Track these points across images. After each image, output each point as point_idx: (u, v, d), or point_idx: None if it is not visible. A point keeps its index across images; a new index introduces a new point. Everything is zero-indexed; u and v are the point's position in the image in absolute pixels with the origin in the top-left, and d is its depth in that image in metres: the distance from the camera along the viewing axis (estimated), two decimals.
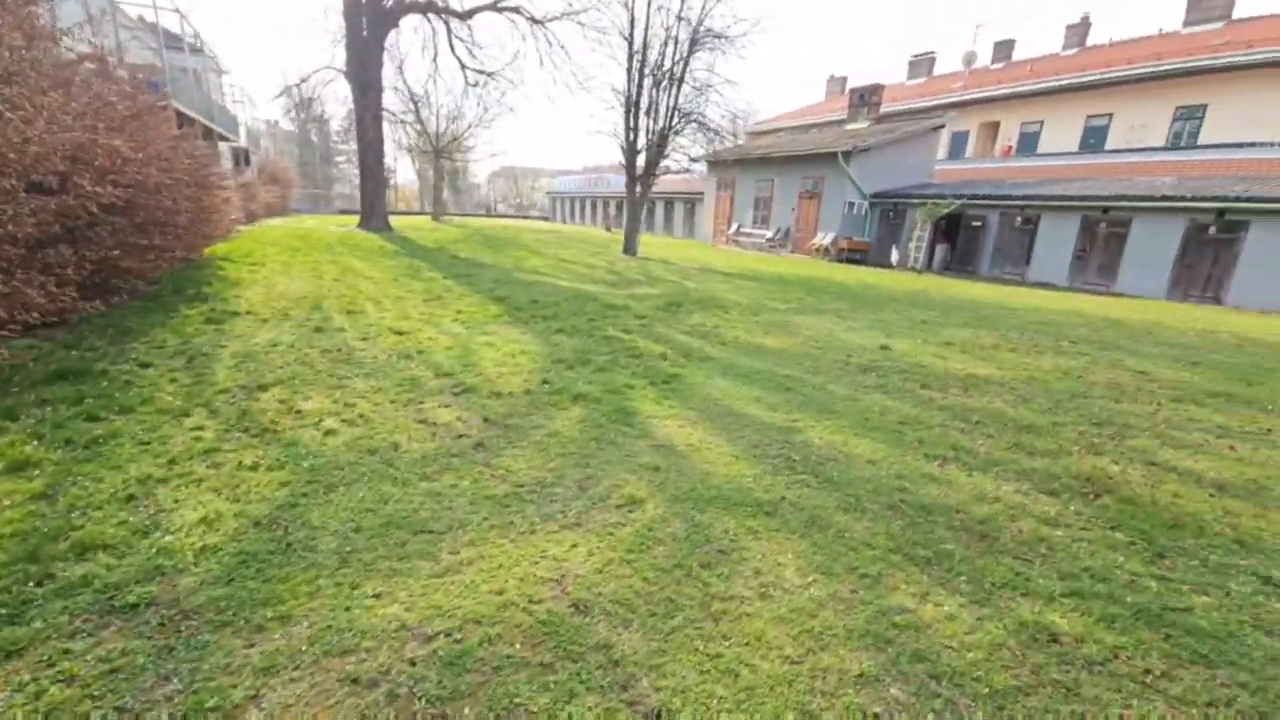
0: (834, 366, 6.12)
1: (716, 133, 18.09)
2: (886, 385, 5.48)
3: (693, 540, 2.87)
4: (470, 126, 36.35)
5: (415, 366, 5.51)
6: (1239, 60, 20.31)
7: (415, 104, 33.05)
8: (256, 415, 4.26)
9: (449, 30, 24.60)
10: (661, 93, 17.30)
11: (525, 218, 59.60)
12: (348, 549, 2.77)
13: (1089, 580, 2.58)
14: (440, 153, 35.45)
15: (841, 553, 2.78)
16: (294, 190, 41.09)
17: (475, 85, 27.77)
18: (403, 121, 28.67)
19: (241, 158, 34.25)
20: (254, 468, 3.50)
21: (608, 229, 35.40)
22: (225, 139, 27.31)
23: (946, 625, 2.28)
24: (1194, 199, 13.32)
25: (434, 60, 25.34)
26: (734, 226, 26.75)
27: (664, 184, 38.50)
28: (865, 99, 24.43)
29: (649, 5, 16.54)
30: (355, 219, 24.16)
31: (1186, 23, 25.87)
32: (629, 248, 18.58)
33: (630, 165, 18.13)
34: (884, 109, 28.66)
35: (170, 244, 9.30)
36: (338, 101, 43.26)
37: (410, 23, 23.79)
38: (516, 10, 22.90)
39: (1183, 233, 13.67)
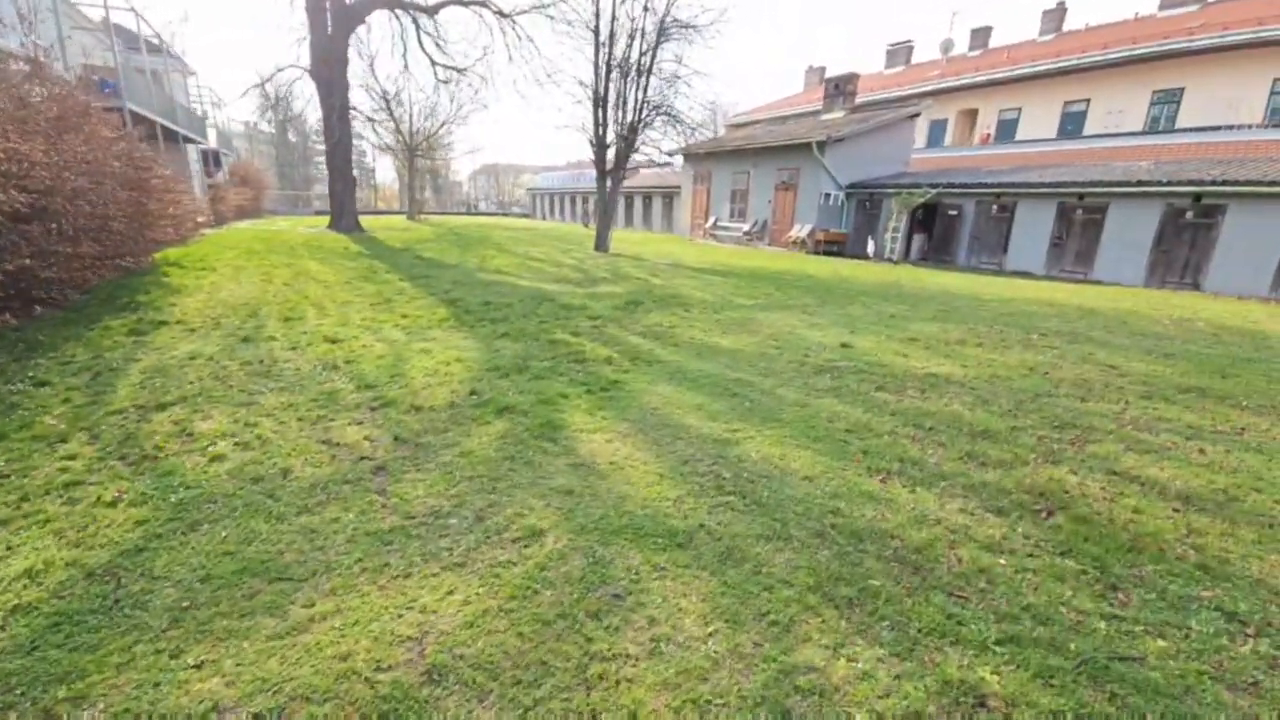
0: (789, 368, 5.78)
1: (688, 125, 17.69)
2: (840, 388, 5.15)
3: (587, 582, 2.52)
4: (444, 124, 35.81)
5: (338, 378, 5.11)
6: (1215, 43, 20.23)
7: (388, 102, 32.46)
8: (142, 440, 3.86)
9: (417, 26, 24.02)
10: (630, 85, 16.90)
11: (506, 215, 58.98)
12: (185, 604, 2.39)
13: (1029, 622, 2.25)
14: (415, 151, 34.83)
15: (754, 594, 2.43)
16: (268, 192, 40.32)
17: (446, 82, 27.26)
18: (371, 120, 27.98)
19: (211, 160, 33.45)
20: (113, 504, 3.11)
21: (585, 225, 34.94)
22: (191, 141, 26.57)
23: (857, 687, 1.95)
24: (1170, 183, 13.12)
25: (403, 57, 24.57)
26: (711, 220, 26.40)
27: (642, 178, 38.10)
28: (840, 88, 24.12)
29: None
30: (329, 219, 23.56)
31: (1162, 6, 25.82)
32: (600, 244, 18.18)
33: (600, 160, 17.72)
34: (863, 99, 28.40)
35: (105, 251, 8.83)
36: (311, 101, 42.34)
37: (379, 19, 23.20)
38: (484, 4, 22.35)
39: (1159, 218, 13.47)
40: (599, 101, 17.00)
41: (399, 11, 23.65)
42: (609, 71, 16.73)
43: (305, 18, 21.31)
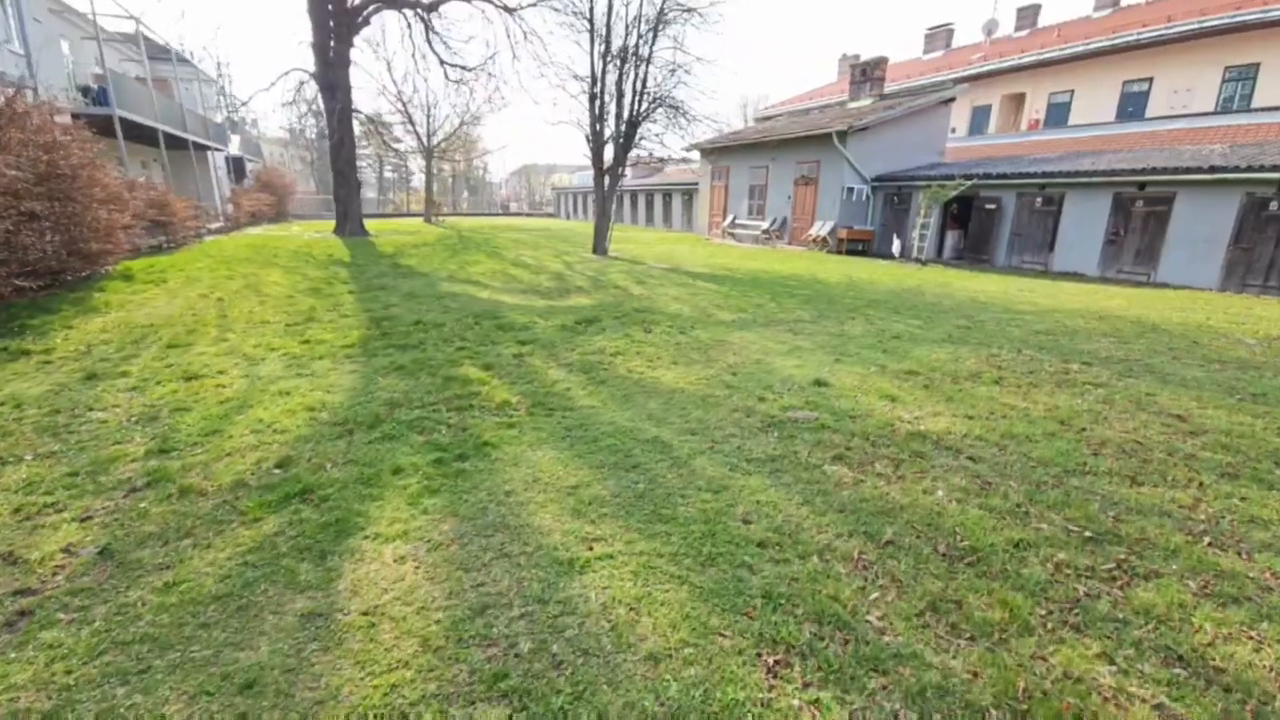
0: (730, 420, 4.41)
1: (692, 117, 16.25)
2: (783, 457, 3.77)
3: None
4: (462, 125, 35.22)
5: (139, 437, 4.02)
6: None
7: (404, 104, 32.02)
8: None
9: (426, 26, 23.31)
10: (627, 76, 15.59)
11: (535, 215, 58.34)
12: None
13: None
14: (432, 153, 34.34)
15: None
16: (296, 197, 40.39)
17: (458, 82, 26.61)
18: (375, 123, 27.50)
19: (233, 166, 33.65)
20: None
21: None
22: (203, 147, 26.56)
23: None
24: (1250, 169, 11.03)
25: (413, 57, 23.89)
26: (729, 218, 24.85)
27: (662, 176, 36.70)
28: (867, 74, 22.21)
29: None
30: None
31: None
32: (599, 247, 16.95)
33: (597, 156, 16.47)
34: (901, 85, 26.36)
35: (18, 265, 8.10)
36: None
37: (392, 21, 22.53)
38: None
39: (1237, 210, 11.38)
40: (595, 95, 15.75)
41: (402, 11, 23.00)
42: (605, 62, 15.47)
43: (308, 20, 20.85)
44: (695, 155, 28.39)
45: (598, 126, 16.04)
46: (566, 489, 3.35)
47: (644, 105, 15.89)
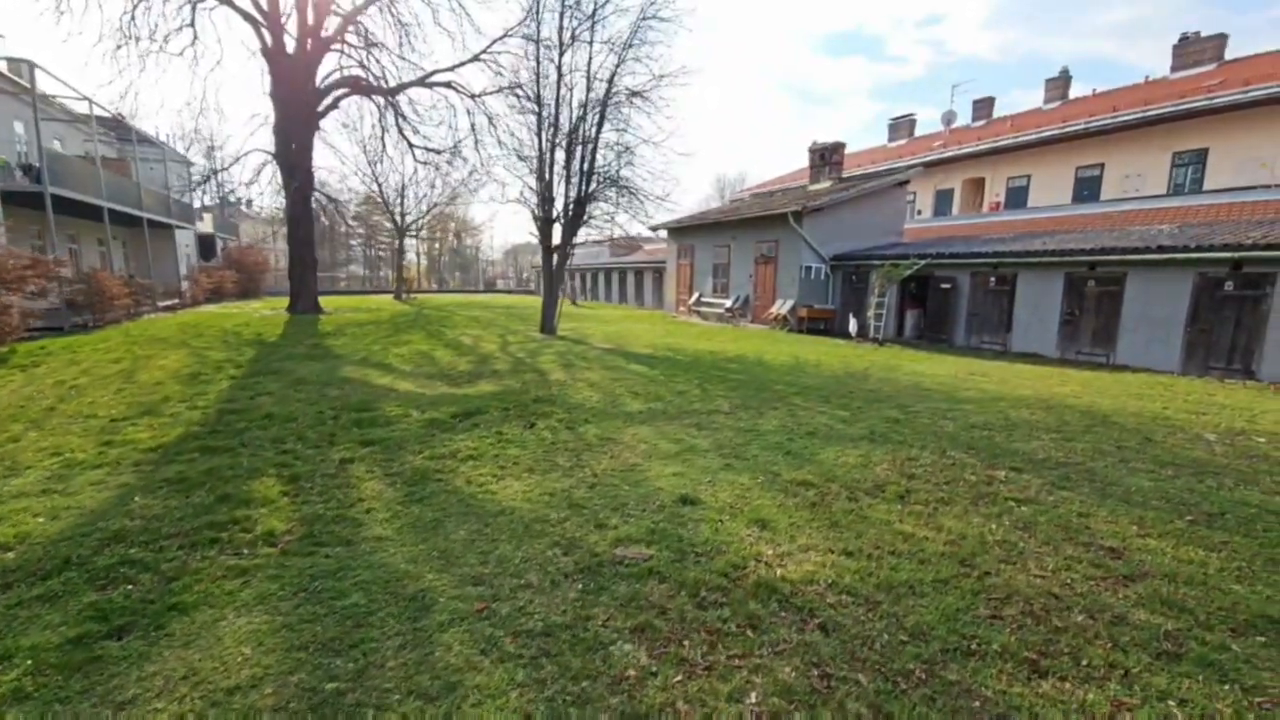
0: (539, 561, 3.42)
1: (643, 196, 16.09)
2: (567, 629, 2.76)
3: None
4: (435, 206, 35.72)
5: None
6: (1239, 99, 18.21)
7: (379, 185, 32.46)
8: None
9: (396, 111, 23.82)
10: (574, 156, 15.53)
11: (517, 292, 58.43)
12: None
13: None
14: (404, 232, 34.58)
15: None
16: (270, 273, 40.13)
17: (426, 164, 26.96)
18: (335, 203, 27.67)
19: (202, 244, 33.54)
20: None
21: (573, 302, 33.64)
22: (169, 225, 26.41)
23: None
24: (1199, 249, 10.65)
25: (382, 141, 24.18)
26: (694, 295, 24.56)
27: (638, 254, 37.00)
28: (826, 158, 22.64)
29: (558, 62, 15.01)
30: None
31: (1175, 68, 24.17)
32: (546, 325, 16.31)
33: (545, 235, 16.15)
34: (867, 170, 27.00)
35: None
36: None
37: (364, 105, 23.04)
38: (449, 86, 21.98)
39: (1191, 290, 10.91)
40: (542, 175, 15.63)
41: (372, 97, 23.56)
42: (554, 143, 15.45)
43: (269, 103, 21.19)
44: (662, 234, 28.62)
45: (545, 207, 15.81)
46: (224, 691, 2.32)
47: (592, 185, 15.76)
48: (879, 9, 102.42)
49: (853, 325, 16.44)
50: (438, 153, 25.05)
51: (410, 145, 24.83)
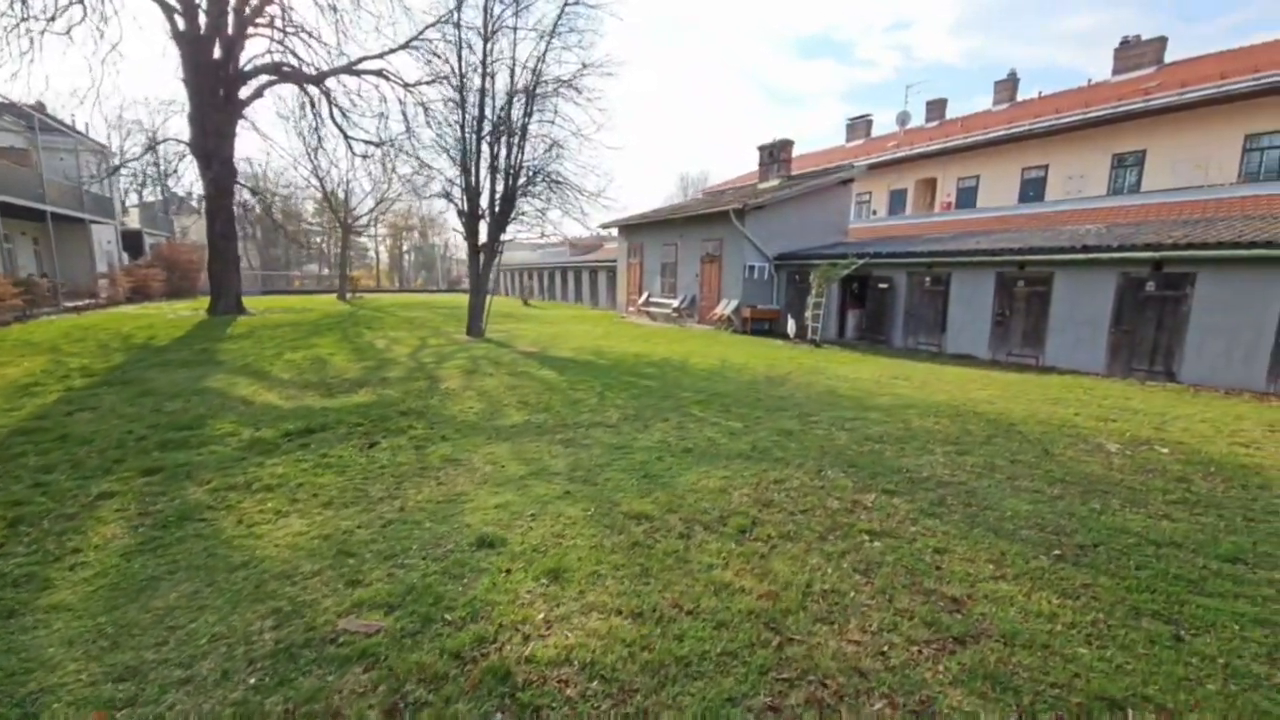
0: (229, 644, 2.71)
1: (582, 193, 15.38)
2: None
3: None
4: (382, 202, 34.43)
5: None
6: (1174, 101, 18.30)
7: (320, 179, 31.06)
8: None
9: (329, 100, 22.68)
10: (502, 149, 14.74)
11: (462, 290, 56.84)
12: None
13: None
14: (348, 228, 33.25)
15: None
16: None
17: (365, 157, 25.76)
18: (258, 195, 26.33)
19: (120, 241, 31.56)
20: None
21: (525, 302, 32.78)
22: (80, 221, 24.71)
23: None
24: (1122, 248, 10.40)
25: (316, 131, 22.89)
26: (644, 295, 23.96)
27: (597, 254, 36.30)
28: (775, 156, 22.23)
29: (484, 49, 14.20)
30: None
31: (1116, 71, 24.46)
32: (473, 327, 15.48)
33: (471, 232, 15.33)
34: (821, 169, 26.73)
35: None
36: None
37: (300, 94, 21.78)
38: (381, 75, 20.94)
39: (1114, 290, 10.66)
40: (466, 167, 14.80)
41: (304, 86, 22.37)
42: (479, 134, 14.62)
43: (184, 89, 19.92)
44: (613, 232, 27.96)
45: (470, 203, 14.97)
46: None
47: (521, 179, 14.99)
48: (848, 13, 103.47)
49: (791, 326, 16.00)
50: (376, 145, 23.92)
51: (346, 137, 23.71)
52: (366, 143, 23.92)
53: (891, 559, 3.49)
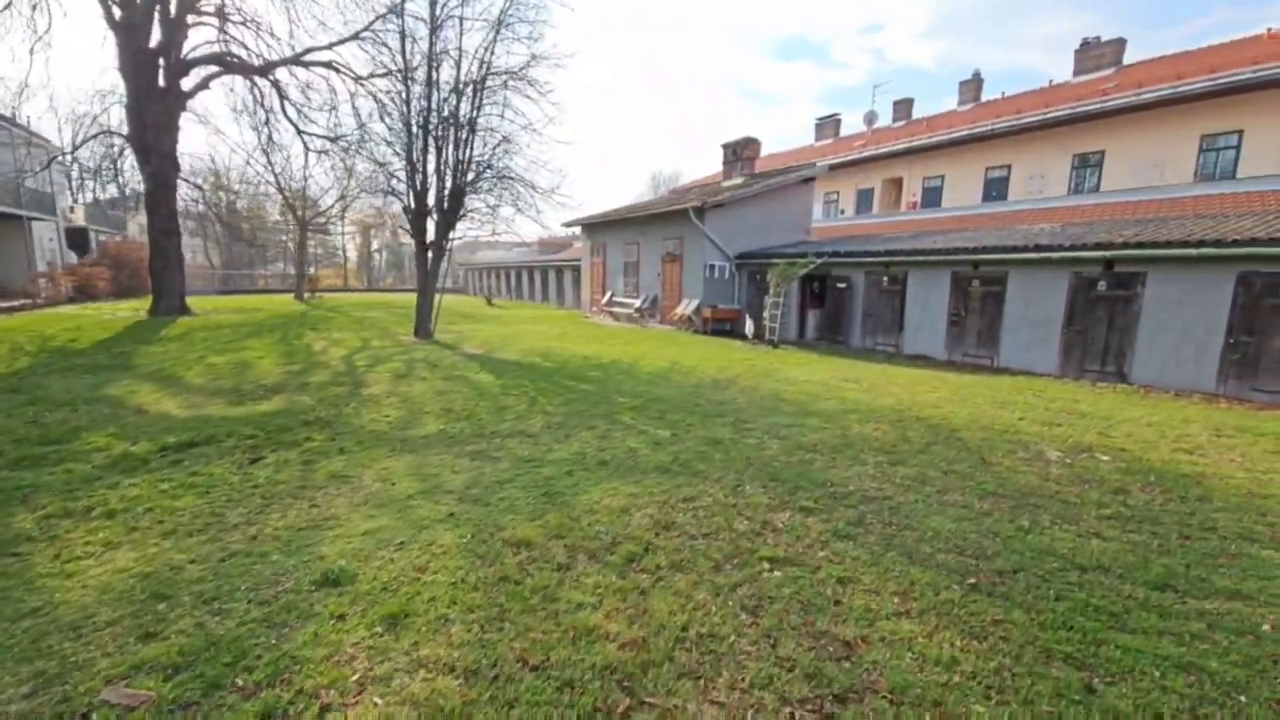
0: None
1: (526, 186, 14.85)
2: None
3: None
4: (342, 199, 33.43)
5: None
6: (1131, 101, 18.41)
7: (276, 176, 29.95)
8: None
9: (279, 93, 21.81)
10: (449, 144, 14.16)
11: (447, 291, 55.78)
12: None
13: None
14: (306, 226, 32.20)
15: None
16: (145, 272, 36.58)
17: (321, 153, 24.83)
18: (202, 190, 25.27)
19: (63, 238, 30.07)
20: None
21: (488, 302, 32.09)
22: (16, 217, 23.42)
23: None
24: (1073, 247, 10.25)
25: (266, 125, 21.91)
26: (607, 295, 23.50)
27: (566, 253, 35.71)
28: (738, 154, 21.92)
29: (430, 39, 13.61)
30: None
31: (1076, 72, 24.69)
32: (420, 329, 14.88)
33: (418, 230, 14.72)
34: (785, 167, 26.56)
35: None
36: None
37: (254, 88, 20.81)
38: (331, 66, 20.16)
39: (1067, 290, 10.52)
40: (412, 161, 14.19)
41: (252, 78, 21.47)
42: (426, 128, 14.03)
43: (120, 80, 18.97)
44: (573, 230, 27.44)
45: (417, 200, 14.36)
46: None
47: (470, 175, 14.43)
48: (822, 16, 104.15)
49: (749, 327, 15.70)
50: (332, 141, 23.06)
51: (300, 133, 22.86)
52: (322, 138, 23.09)
53: (789, 592, 3.11)
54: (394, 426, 6.49)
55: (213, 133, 48.48)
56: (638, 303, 21.13)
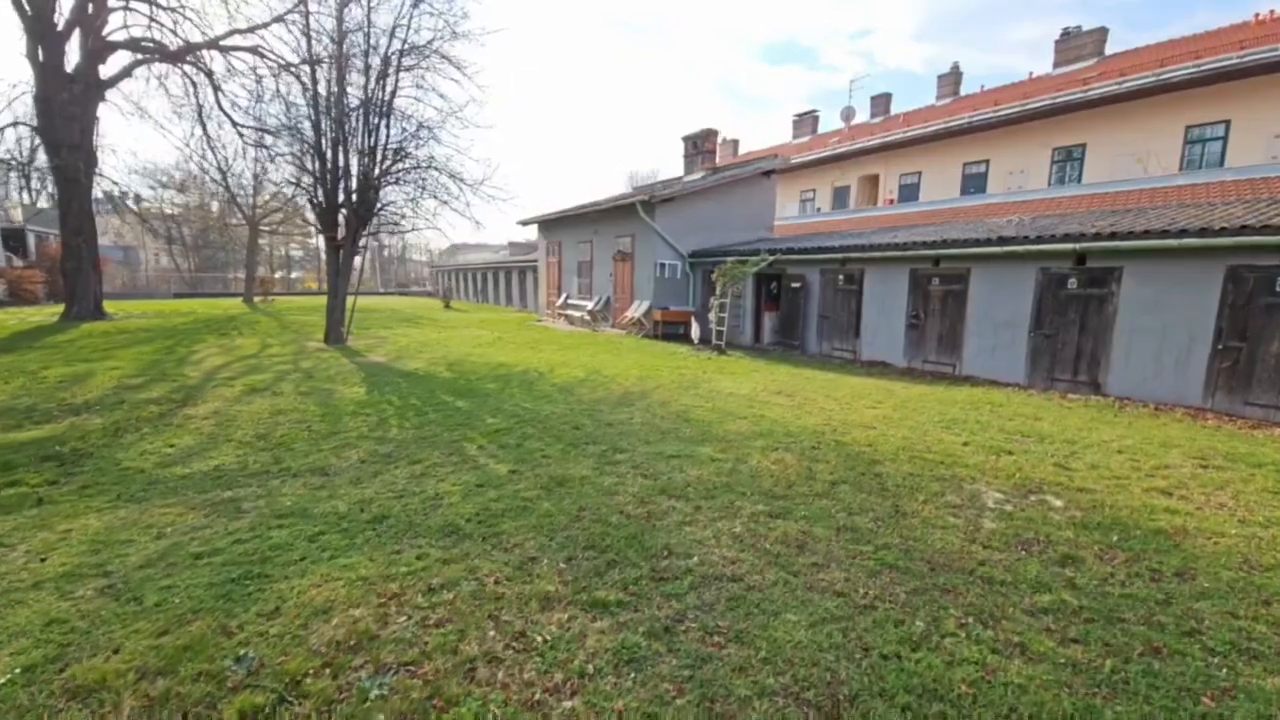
0: None
1: (461, 182, 13.47)
2: None
3: None
4: (292, 198, 31.85)
5: None
6: (1113, 91, 17.27)
7: (223, 172, 28.40)
8: None
9: (211, 81, 20.29)
10: (359, 128, 12.77)
11: (424, 294, 54.05)
12: None
13: None
14: (256, 226, 30.67)
15: None
16: (107, 274, 34.98)
17: (259, 146, 23.27)
18: (114, 185, 23.71)
19: (4, 240, 28.35)
20: None
21: (446, 304, 30.64)
22: None
23: None
24: (1039, 239, 8.95)
25: (198, 115, 20.40)
26: (562, 297, 22.13)
27: (512, 254, 34.31)
28: (699, 147, 20.61)
29: (338, 14, 12.25)
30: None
31: (1057, 64, 23.65)
32: (332, 335, 13.45)
33: (327, 227, 13.30)
34: (743, 160, 25.33)
35: None
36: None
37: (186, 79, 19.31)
38: (256, 52, 18.71)
39: (1034, 288, 9.22)
40: (321, 152, 12.79)
41: (180, 65, 19.97)
42: (330, 113, 12.64)
43: (28, 66, 17.49)
44: (529, 230, 26.04)
45: (325, 194, 12.95)
46: None
47: (384, 164, 13.04)
48: (813, 20, 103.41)
49: (695, 331, 14.34)
50: (272, 134, 21.51)
51: (235, 124, 21.32)
52: (259, 130, 21.55)
53: None
54: (165, 461, 5.08)
55: (154, 128, 46.60)
56: (590, 305, 19.77)
